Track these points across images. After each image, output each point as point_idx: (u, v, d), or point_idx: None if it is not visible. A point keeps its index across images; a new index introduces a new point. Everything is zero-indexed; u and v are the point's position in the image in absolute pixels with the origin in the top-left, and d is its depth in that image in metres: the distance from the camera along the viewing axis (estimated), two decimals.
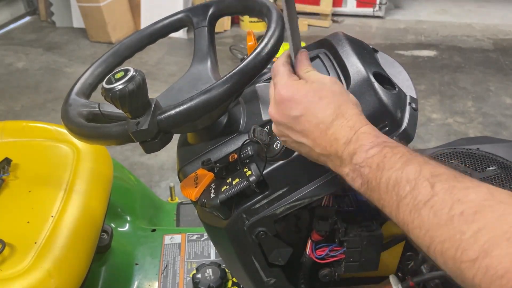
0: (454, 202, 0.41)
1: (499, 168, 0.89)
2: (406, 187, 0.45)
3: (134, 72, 0.62)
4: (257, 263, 0.77)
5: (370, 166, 0.50)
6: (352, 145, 0.52)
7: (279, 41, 0.70)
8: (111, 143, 0.70)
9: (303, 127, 0.56)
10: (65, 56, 3.93)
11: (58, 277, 0.83)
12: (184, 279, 1.19)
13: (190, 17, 0.90)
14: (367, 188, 0.51)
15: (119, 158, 2.46)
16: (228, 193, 0.68)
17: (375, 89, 0.68)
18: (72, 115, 0.75)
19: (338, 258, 0.79)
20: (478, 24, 4.47)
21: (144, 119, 0.63)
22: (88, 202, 1.00)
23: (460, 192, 0.41)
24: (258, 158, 0.70)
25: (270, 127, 0.70)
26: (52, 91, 3.34)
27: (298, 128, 0.57)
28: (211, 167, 0.72)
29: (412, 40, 4.13)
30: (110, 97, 0.61)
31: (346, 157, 0.52)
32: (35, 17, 4.82)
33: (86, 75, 0.85)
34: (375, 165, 0.49)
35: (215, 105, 0.64)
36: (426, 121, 2.87)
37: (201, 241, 1.30)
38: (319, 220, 0.76)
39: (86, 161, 1.09)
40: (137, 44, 0.90)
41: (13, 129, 1.20)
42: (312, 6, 4.49)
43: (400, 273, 0.95)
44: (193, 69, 0.85)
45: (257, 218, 0.71)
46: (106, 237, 1.17)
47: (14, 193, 1.00)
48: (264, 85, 0.86)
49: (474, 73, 3.49)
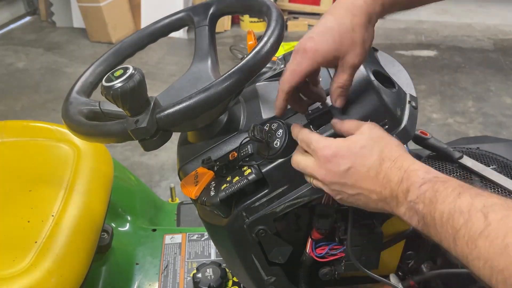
0: (508, 231, 0.41)
1: (499, 167, 0.90)
2: (460, 219, 0.45)
3: (133, 70, 0.62)
4: (257, 262, 0.78)
5: (424, 202, 0.50)
6: (404, 183, 0.53)
7: (278, 39, 0.70)
8: (110, 141, 0.70)
9: (356, 178, 0.57)
10: (65, 56, 3.93)
11: (58, 276, 0.83)
12: (185, 279, 1.19)
13: (191, 16, 0.90)
14: (424, 225, 0.51)
15: (120, 158, 2.46)
16: (228, 191, 0.68)
17: (375, 88, 0.68)
18: (72, 113, 0.75)
19: (338, 256, 0.79)
20: (478, 24, 4.47)
21: (143, 117, 0.63)
22: (89, 201, 1.00)
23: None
24: (258, 156, 0.70)
25: (270, 125, 0.70)
26: (52, 91, 3.35)
27: (351, 181, 0.57)
28: (211, 166, 0.72)
29: (412, 40, 4.13)
30: (110, 95, 0.62)
31: (401, 196, 0.53)
32: (35, 17, 4.82)
33: (87, 73, 0.85)
34: (428, 200, 0.49)
35: (214, 103, 0.64)
36: (426, 121, 2.87)
37: (201, 241, 1.30)
38: (319, 218, 0.76)
39: (86, 160, 1.09)
40: (138, 43, 0.90)
41: (13, 129, 1.20)
42: (312, 6, 4.48)
43: (401, 272, 0.95)
44: (194, 68, 0.85)
45: (257, 216, 0.71)
46: (106, 237, 1.17)
47: (15, 193, 1.00)
48: (264, 84, 0.86)
49: (474, 73, 3.49)
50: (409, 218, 0.53)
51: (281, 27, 0.72)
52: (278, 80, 0.85)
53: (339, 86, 0.65)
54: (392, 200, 0.54)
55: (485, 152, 0.94)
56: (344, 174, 0.58)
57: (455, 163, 0.91)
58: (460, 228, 0.45)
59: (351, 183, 0.58)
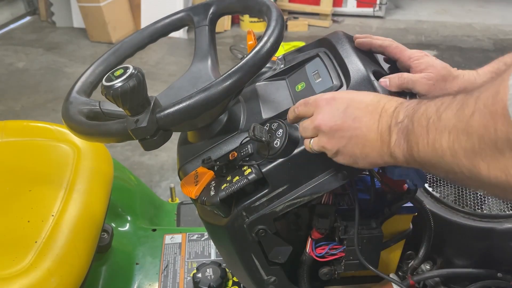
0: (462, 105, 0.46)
1: None
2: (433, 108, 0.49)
3: (133, 69, 0.62)
4: (257, 261, 0.78)
5: (408, 115, 0.53)
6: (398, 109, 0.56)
7: (278, 39, 0.70)
8: (110, 140, 0.70)
9: (356, 114, 0.59)
10: (65, 56, 3.93)
11: (58, 276, 0.83)
12: (185, 279, 1.19)
13: (191, 16, 0.90)
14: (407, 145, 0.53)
15: (120, 158, 2.46)
16: (228, 191, 0.68)
17: (375, 88, 0.69)
18: (72, 113, 0.75)
19: (338, 256, 0.79)
20: (478, 24, 4.47)
21: (143, 116, 0.64)
22: (89, 201, 1.00)
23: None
24: (258, 156, 0.70)
25: (270, 125, 0.70)
26: (52, 91, 3.35)
27: (350, 119, 0.59)
28: (211, 165, 0.72)
29: (413, 40, 4.13)
30: (110, 95, 0.62)
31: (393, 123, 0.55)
32: (35, 17, 4.82)
33: (87, 73, 0.85)
34: (411, 110, 0.53)
35: (214, 103, 0.64)
36: None
37: (201, 241, 1.30)
38: (319, 218, 0.76)
39: (86, 160, 1.09)
40: (138, 43, 0.90)
41: (13, 129, 1.20)
42: (312, 6, 4.48)
43: (400, 272, 0.95)
44: (194, 67, 0.85)
45: (257, 216, 0.71)
46: (106, 237, 1.17)
47: (15, 192, 1.00)
48: (264, 84, 0.86)
49: None
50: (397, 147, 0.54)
51: (281, 27, 0.72)
52: (278, 80, 0.85)
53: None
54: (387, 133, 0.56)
55: None
56: (343, 113, 0.59)
57: None
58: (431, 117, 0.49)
59: (350, 121, 0.59)
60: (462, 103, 0.46)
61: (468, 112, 0.44)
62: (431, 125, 0.49)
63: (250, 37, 0.92)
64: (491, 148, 0.42)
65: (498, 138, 0.41)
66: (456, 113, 0.46)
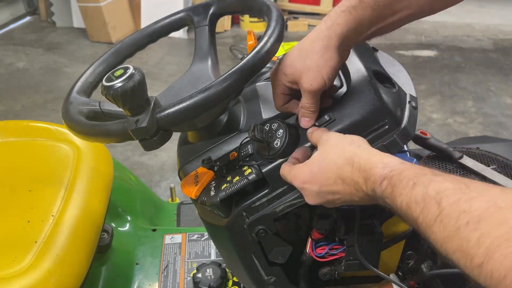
0: (460, 214, 0.42)
1: (499, 167, 0.90)
2: (417, 209, 0.47)
3: (134, 70, 0.62)
4: (257, 262, 0.78)
5: (388, 197, 0.52)
6: (369, 184, 0.54)
7: (278, 39, 0.70)
8: (110, 141, 0.70)
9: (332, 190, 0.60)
10: (65, 56, 3.93)
11: (58, 276, 0.83)
12: (185, 279, 1.19)
13: (191, 16, 0.90)
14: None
15: (120, 158, 2.46)
16: (228, 191, 0.68)
17: (375, 88, 0.69)
18: (72, 113, 0.75)
19: (338, 256, 0.79)
20: (478, 24, 4.47)
21: (143, 117, 0.63)
22: (89, 201, 1.00)
23: (465, 204, 0.43)
24: (258, 156, 0.70)
25: (270, 125, 0.70)
26: (52, 91, 3.35)
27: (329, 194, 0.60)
28: (211, 166, 0.72)
29: (412, 40, 4.14)
30: (110, 95, 0.62)
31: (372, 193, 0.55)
32: (35, 17, 4.82)
33: (87, 73, 0.85)
34: (390, 194, 0.52)
35: (214, 103, 0.64)
36: (426, 121, 2.87)
37: (201, 241, 1.30)
38: (319, 218, 0.76)
39: (86, 160, 1.09)
40: (138, 43, 0.90)
41: (13, 129, 1.20)
42: (312, 6, 4.48)
43: (401, 272, 0.95)
44: (194, 68, 0.85)
45: (257, 216, 0.71)
46: (106, 237, 1.17)
47: (14, 193, 1.00)
48: (264, 84, 0.86)
49: (474, 73, 3.49)
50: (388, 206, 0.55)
51: (281, 27, 0.72)
52: None
53: (301, 106, 0.69)
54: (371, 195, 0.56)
55: (485, 152, 0.94)
56: (319, 193, 0.61)
57: (455, 163, 0.91)
58: (418, 217, 0.47)
59: (331, 195, 0.60)
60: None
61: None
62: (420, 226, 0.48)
63: (250, 37, 0.92)
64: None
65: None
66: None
